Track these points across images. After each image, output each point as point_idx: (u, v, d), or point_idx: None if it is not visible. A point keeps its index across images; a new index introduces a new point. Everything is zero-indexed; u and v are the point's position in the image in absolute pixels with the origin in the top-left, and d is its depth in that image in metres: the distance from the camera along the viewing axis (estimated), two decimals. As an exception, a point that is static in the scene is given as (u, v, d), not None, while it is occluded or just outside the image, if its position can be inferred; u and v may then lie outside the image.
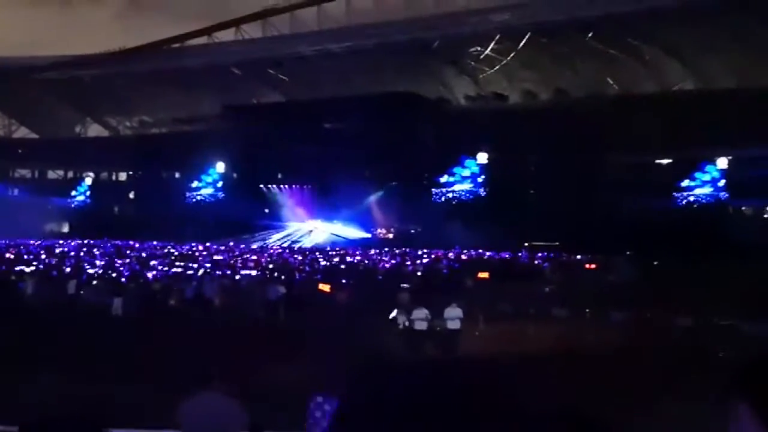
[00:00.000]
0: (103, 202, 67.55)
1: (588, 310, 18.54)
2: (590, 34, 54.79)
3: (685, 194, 48.89)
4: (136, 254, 37.82)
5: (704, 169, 48.43)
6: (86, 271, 25.83)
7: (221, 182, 63.11)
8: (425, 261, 36.75)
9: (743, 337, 13.89)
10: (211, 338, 13.35)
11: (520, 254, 40.40)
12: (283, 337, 15.14)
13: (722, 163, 47.91)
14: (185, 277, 24.83)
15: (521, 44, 58.22)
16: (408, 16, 63.25)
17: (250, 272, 28.09)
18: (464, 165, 54.13)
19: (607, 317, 17.68)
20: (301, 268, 31.07)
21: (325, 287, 21.96)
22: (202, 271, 27.21)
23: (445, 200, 54.29)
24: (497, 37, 59.00)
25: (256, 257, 37.58)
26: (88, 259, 33.25)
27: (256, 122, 58.67)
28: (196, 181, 63.88)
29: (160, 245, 46.39)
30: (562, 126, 45.91)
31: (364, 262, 36.34)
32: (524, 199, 49.94)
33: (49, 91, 72.48)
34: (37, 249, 39.75)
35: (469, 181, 54.26)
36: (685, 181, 49.00)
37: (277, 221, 59.29)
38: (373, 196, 54.78)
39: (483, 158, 53.69)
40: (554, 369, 10.56)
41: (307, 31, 69.43)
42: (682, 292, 18.43)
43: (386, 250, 45.26)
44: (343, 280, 24.60)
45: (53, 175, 76.09)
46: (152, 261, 32.67)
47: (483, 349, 14.41)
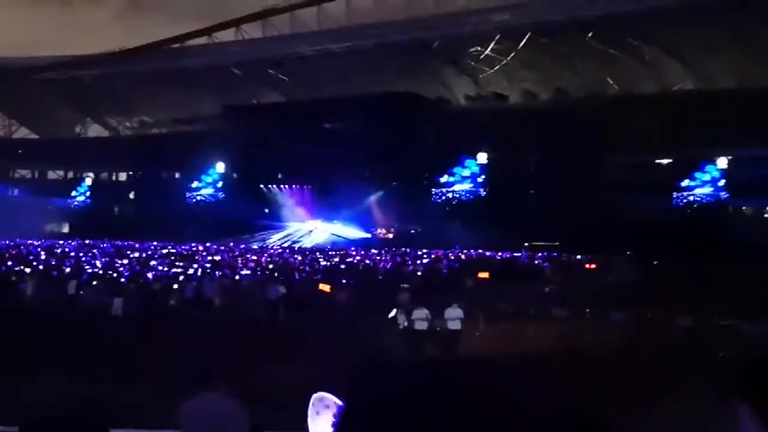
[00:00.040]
0: (103, 203, 67.57)
1: (588, 310, 18.54)
2: (590, 34, 54.81)
3: (685, 194, 48.92)
4: (136, 254, 37.81)
5: (704, 169, 48.46)
6: (86, 272, 25.81)
7: (221, 182, 63.12)
8: (425, 261, 36.72)
9: (743, 337, 13.89)
10: (211, 338, 13.36)
11: (520, 254, 40.40)
12: (283, 337, 15.14)
13: (722, 163, 47.94)
14: (185, 277, 24.81)
15: (521, 44, 58.24)
16: (408, 16, 63.26)
17: (250, 272, 28.07)
18: (464, 165, 54.16)
19: (607, 317, 17.68)
20: (301, 268, 31.04)
21: (325, 287, 21.94)
22: (202, 271, 27.20)
23: (445, 200, 54.31)
24: (497, 37, 59.03)
25: (256, 257, 37.56)
26: (88, 259, 33.23)
27: (256, 122, 58.67)
28: (196, 182, 63.90)
29: (160, 245, 46.37)
30: (562, 126, 45.92)
31: (364, 262, 36.32)
32: (524, 199, 49.94)
33: (49, 91, 72.49)
34: (37, 249, 39.74)
35: (469, 181, 54.28)
36: (685, 181, 49.03)
37: (277, 221, 59.29)
38: (373, 196, 54.77)
39: (483, 158, 53.72)
40: (554, 369, 10.56)
41: (307, 31, 69.44)
42: (682, 292, 18.43)
43: (386, 250, 45.24)
44: (344, 281, 24.60)
45: (53, 175, 76.10)
46: (152, 261, 32.66)
47: (483, 350, 14.41)
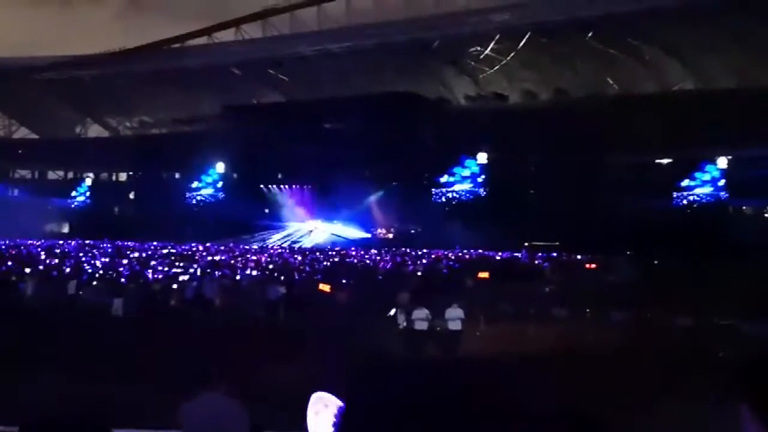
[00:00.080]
0: (103, 203, 67.58)
1: (588, 311, 18.54)
2: (590, 34, 54.81)
3: (685, 194, 48.92)
4: (136, 254, 37.80)
5: (704, 169, 48.46)
6: (86, 272, 25.79)
7: (221, 182, 63.14)
8: (425, 261, 36.72)
9: (743, 337, 13.88)
10: (211, 338, 13.36)
11: (520, 254, 40.39)
12: (283, 337, 15.15)
13: (722, 163, 47.94)
14: (185, 278, 24.79)
15: (521, 44, 58.25)
16: (408, 16, 63.26)
17: (250, 272, 28.06)
18: (464, 165, 54.16)
19: (607, 317, 17.67)
20: (301, 268, 31.04)
21: (325, 287, 21.93)
22: (202, 272, 27.18)
23: (445, 200, 54.32)
24: (497, 37, 59.04)
25: (256, 257, 37.55)
26: (88, 259, 33.23)
27: (256, 122, 58.68)
28: (196, 182, 63.91)
29: (160, 245, 46.38)
30: (562, 126, 45.93)
31: (364, 262, 36.32)
32: (524, 199, 49.95)
33: (49, 91, 72.50)
34: (38, 249, 39.74)
35: (469, 181, 54.29)
36: (685, 181, 49.03)
37: (277, 221, 59.30)
38: (373, 196, 54.79)
39: (483, 158, 53.73)
40: (555, 369, 10.56)
41: (307, 31, 69.44)
42: (682, 292, 18.43)
43: (386, 250, 45.24)
44: (343, 281, 24.58)
45: (53, 175, 76.10)
46: (152, 261, 32.64)
47: (484, 350, 14.41)
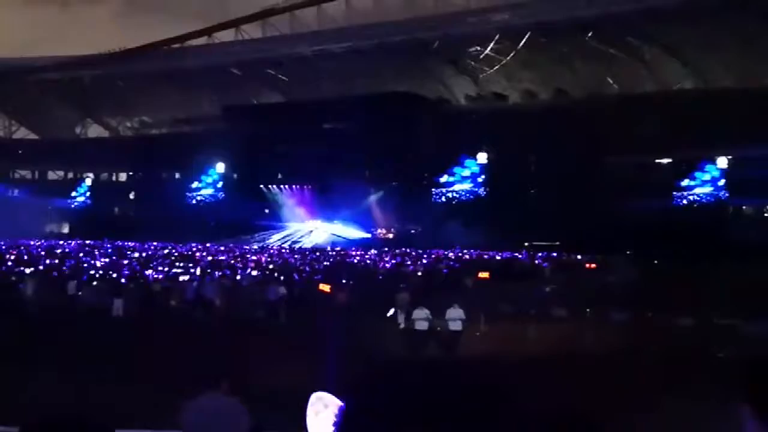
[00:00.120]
0: (104, 203, 67.59)
1: (588, 310, 18.53)
2: (590, 34, 54.82)
3: (685, 194, 48.88)
4: (137, 255, 37.81)
5: (704, 169, 48.43)
6: (86, 272, 25.79)
7: (221, 182, 63.16)
8: (425, 261, 36.72)
9: (743, 337, 13.88)
10: (211, 338, 13.36)
11: (520, 254, 40.39)
12: (283, 337, 15.15)
13: (722, 162, 47.90)
14: (185, 278, 24.78)
15: (521, 44, 58.25)
16: (407, 16, 63.25)
17: (250, 272, 28.06)
18: (464, 165, 54.15)
19: (608, 317, 17.66)
20: (301, 268, 31.04)
21: (325, 287, 21.92)
22: (202, 272, 27.16)
23: (445, 200, 54.30)
24: (497, 37, 59.04)
25: (256, 258, 37.56)
26: (88, 259, 33.23)
27: (256, 122, 58.68)
28: (196, 182, 63.92)
29: (161, 246, 46.39)
30: (562, 126, 45.93)
31: (364, 262, 36.32)
32: (524, 199, 49.95)
33: (49, 91, 72.54)
34: (38, 250, 39.74)
35: (469, 181, 54.27)
36: (685, 181, 49.00)
37: (277, 221, 59.29)
38: (373, 196, 54.80)
39: (483, 158, 53.72)
40: (555, 369, 10.56)
41: (306, 32, 69.41)
42: (682, 292, 18.41)
43: (386, 250, 45.24)
44: (344, 281, 24.57)
45: (53, 175, 76.09)
46: (152, 262, 32.64)
47: (484, 350, 14.40)
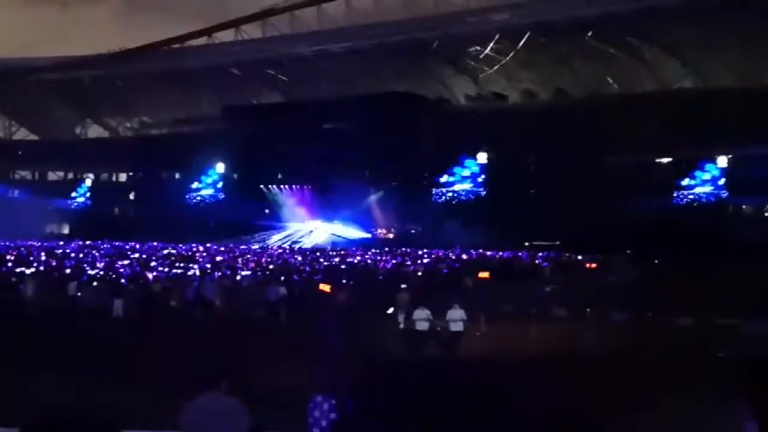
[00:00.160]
0: (104, 203, 67.58)
1: (589, 310, 18.52)
2: (590, 34, 54.82)
3: (685, 193, 48.86)
4: (137, 255, 37.80)
5: (704, 168, 48.40)
6: (87, 273, 25.77)
7: (221, 183, 63.16)
8: (426, 261, 36.71)
9: (743, 337, 13.87)
10: (211, 339, 13.37)
11: (520, 254, 40.38)
12: (283, 337, 15.15)
13: (722, 162, 47.88)
14: (186, 278, 24.78)
15: (521, 44, 58.26)
16: (407, 16, 63.27)
17: (250, 273, 28.05)
18: (464, 165, 54.13)
19: (608, 317, 17.65)
20: (302, 268, 31.02)
21: (325, 288, 21.91)
22: (202, 272, 27.15)
23: (445, 200, 54.28)
24: (496, 36, 59.05)
25: (256, 258, 37.55)
26: (88, 260, 33.21)
27: (256, 122, 58.68)
28: (196, 182, 63.90)
29: (161, 246, 46.39)
30: (562, 126, 45.93)
31: (364, 262, 36.30)
32: (524, 199, 49.96)
33: (49, 91, 72.57)
34: (38, 250, 39.73)
35: (469, 181, 54.26)
36: (685, 180, 48.98)
37: (277, 221, 59.29)
38: (373, 196, 54.80)
39: (483, 158, 53.71)
40: (556, 369, 10.55)
41: (306, 32, 69.42)
42: (682, 292, 18.41)
43: (386, 250, 45.23)
44: (344, 281, 24.55)
45: (53, 176, 76.07)
46: (152, 262, 32.62)
47: (485, 350, 14.39)
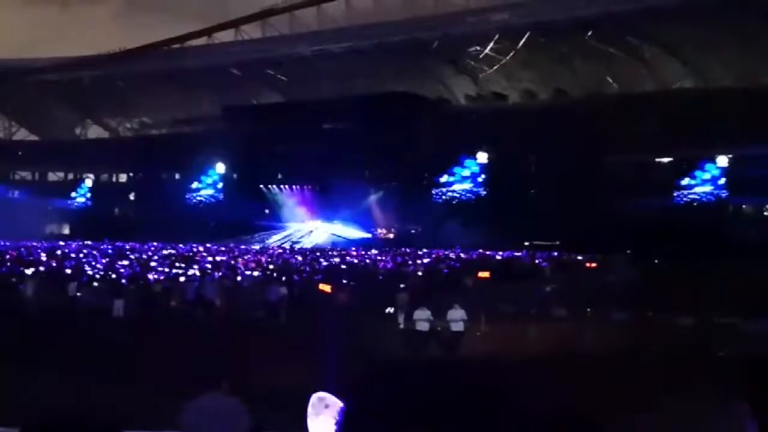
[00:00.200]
0: (104, 204, 67.53)
1: (589, 310, 18.53)
2: (589, 34, 54.80)
3: (685, 193, 48.83)
4: (137, 256, 37.80)
5: (704, 168, 48.37)
6: (87, 273, 25.78)
7: (221, 183, 63.12)
8: (426, 261, 36.72)
9: (744, 336, 13.88)
10: (212, 339, 13.37)
11: (520, 254, 40.38)
12: (284, 337, 15.15)
13: (722, 161, 47.85)
14: (186, 279, 24.78)
15: (520, 44, 58.24)
16: (407, 16, 63.23)
17: (250, 273, 28.06)
18: (464, 165, 54.11)
19: (608, 317, 17.66)
20: (302, 268, 31.02)
21: (325, 288, 21.93)
22: (202, 272, 27.15)
23: (445, 200, 54.26)
24: (496, 36, 59.03)
25: (256, 258, 37.56)
26: (88, 260, 33.22)
27: (256, 123, 58.65)
28: (196, 182, 63.88)
29: (161, 246, 46.38)
30: (562, 126, 45.91)
31: (364, 263, 36.31)
32: (524, 199, 49.93)
33: (48, 92, 72.52)
34: (38, 251, 39.73)
35: (469, 181, 54.23)
36: (685, 180, 48.94)
37: (277, 222, 59.28)
38: (373, 196, 54.78)
39: (483, 158, 53.68)
40: (556, 369, 10.56)
41: (306, 32, 69.40)
42: (682, 291, 18.41)
43: (387, 250, 45.22)
44: (344, 281, 24.55)
45: (53, 176, 76.04)
46: (153, 262, 32.63)
47: (485, 350, 14.40)
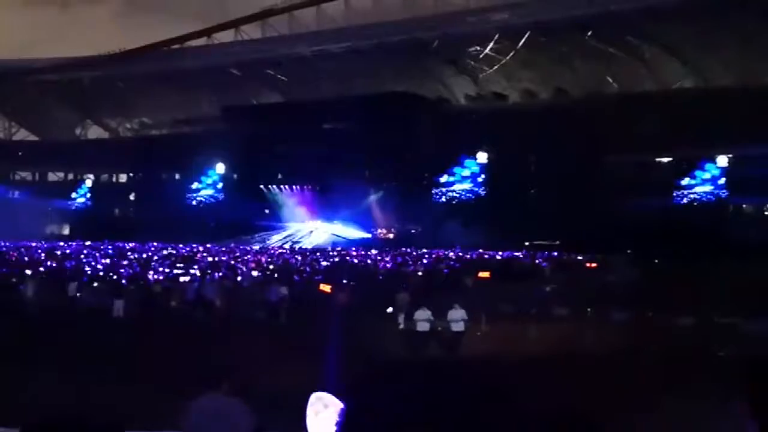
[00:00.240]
0: (104, 204, 67.55)
1: (589, 310, 18.52)
2: (589, 33, 54.78)
3: (685, 193, 48.82)
4: (137, 256, 37.81)
5: (704, 168, 48.36)
6: (87, 273, 25.78)
7: (221, 183, 63.13)
8: (426, 261, 36.71)
9: (744, 336, 13.87)
10: (212, 339, 13.37)
11: (520, 254, 40.37)
12: (284, 337, 15.15)
13: (722, 161, 47.84)
14: (186, 279, 24.77)
15: (520, 44, 58.23)
16: (407, 16, 63.23)
17: (250, 273, 28.07)
18: (464, 165, 54.11)
19: (608, 317, 17.65)
20: (302, 268, 31.02)
21: (325, 288, 21.92)
22: (202, 273, 27.14)
23: (445, 200, 54.25)
24: (496, 36, 59.02)
25: (256, 258, 37.57)
26: (88, 261, 33.23)
27: (256, 122, 58.64)
28: (196, 183, 63.89)
29: (161, 247, 46.39)
30: (562, 125, 45.89)
31: (365, 263, 36.31)
32: (524, 199, 49.92)
33: (48, 92, 72.54)
34: (38, 251, 39.74)
35: (469, 181, 54.22)
36: (685, 180, 48.94)
37: (277, 222, 59.28)
38: (373, 196, 54.77)
39: (483, 158, 53.67)
40: (557, 369, 10.56)
41: (306, 32, 69.41)
42: (682, 291, 18.41)
43: (387, 250, 45.20)
44: (344, 281, 24.55)
45: (53, 177, 76.04)
46: (153, 262, 32.64)
47: (485, 350, 14.39)
